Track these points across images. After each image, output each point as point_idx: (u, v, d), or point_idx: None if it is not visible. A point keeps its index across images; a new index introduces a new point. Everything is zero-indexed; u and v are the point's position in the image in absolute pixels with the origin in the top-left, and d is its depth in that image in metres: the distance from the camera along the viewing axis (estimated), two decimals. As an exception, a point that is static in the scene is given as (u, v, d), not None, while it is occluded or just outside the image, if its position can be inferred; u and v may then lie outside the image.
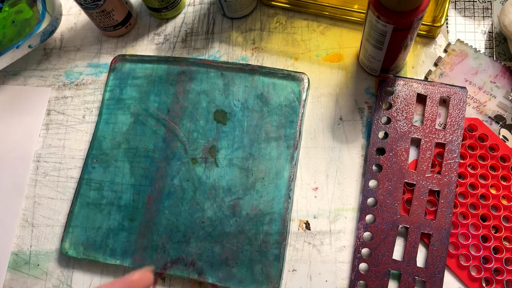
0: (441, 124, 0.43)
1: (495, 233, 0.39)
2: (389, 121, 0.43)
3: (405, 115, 0.43)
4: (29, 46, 0.47)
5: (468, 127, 0.42)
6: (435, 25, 0.44)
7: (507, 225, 0.39)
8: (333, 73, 0.46)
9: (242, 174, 0.43)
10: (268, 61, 0.48)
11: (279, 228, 0.40)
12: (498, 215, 0.40)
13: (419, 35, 0.46)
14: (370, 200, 0.41)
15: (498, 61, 0.44)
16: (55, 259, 0.43)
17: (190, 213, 0.42)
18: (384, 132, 0.43)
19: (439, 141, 0.41)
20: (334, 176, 0.43)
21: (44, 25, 0.49)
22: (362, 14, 0.46)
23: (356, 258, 0.39)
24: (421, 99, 0.43)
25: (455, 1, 0.48)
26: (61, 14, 0.48)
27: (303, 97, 0.44)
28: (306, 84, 0.44)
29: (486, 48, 0.46)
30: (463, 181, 0.41)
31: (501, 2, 0.47)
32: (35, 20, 0.49)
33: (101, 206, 0.43)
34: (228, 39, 0.49)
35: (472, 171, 0.41)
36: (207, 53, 0.49)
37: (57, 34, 0.52)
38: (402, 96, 0.43)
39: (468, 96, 0.44)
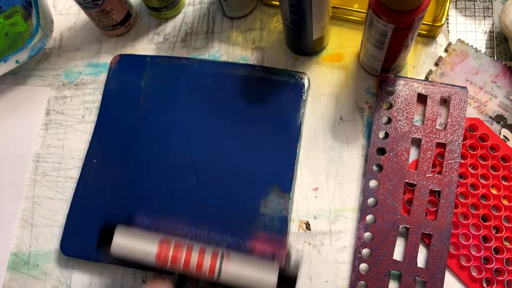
0: (442, 124, 0.43)
1: (496, 233, 0.39)
2: (389, 121, 0.43)
3: (405, 115, 0.42)
4: (16, 61, 0.46)
5: (469, 127, 0.42)
6: (436, 24, 0.44)
7: (508, 225, 0.39)
8: (333, 73, 0.46)
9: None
10: (268, 61, 0.47)
11: (279, 229, 0.40)
12: (499, 215, 0.39)
13: (419, 35, 0.46)
14: (370, 200, 0.41)
15: (499, 61, 0.44)
16: (55, 259, 0.43)
17: (191, 213, 0.42)
18: (384, 132, 0.43)
19: (440, 141, 0.41)
20: (334, 176, 0.43)
21: (35, 40, 0.47)
22: (363, 14, 0.46)
23: (357, 258, 0.39)
24: (422, 99, 0.43)
25: (456, 1, 0.48)
26: (51, 31, 0.47)
27: (303, 97, 0.44)
28: (306, 84, 0.44)
29: (487, 47, 0.46)
30: (464, 181, 0.41)
31: (502, 2, 0.47)
32: (28, 34, 0.48)
33: (100, 206, 0.43)
34: (228, 38, 0.49)
35: (473, 171, 0.41)
36: (207, 53, 0.49)
37: (56, 33, 0.52)
38: (403, 96, 0.43)
39: (469, 96, 0.44)
